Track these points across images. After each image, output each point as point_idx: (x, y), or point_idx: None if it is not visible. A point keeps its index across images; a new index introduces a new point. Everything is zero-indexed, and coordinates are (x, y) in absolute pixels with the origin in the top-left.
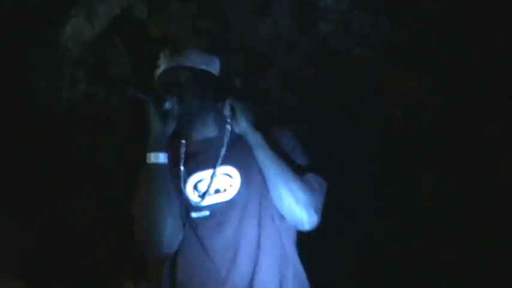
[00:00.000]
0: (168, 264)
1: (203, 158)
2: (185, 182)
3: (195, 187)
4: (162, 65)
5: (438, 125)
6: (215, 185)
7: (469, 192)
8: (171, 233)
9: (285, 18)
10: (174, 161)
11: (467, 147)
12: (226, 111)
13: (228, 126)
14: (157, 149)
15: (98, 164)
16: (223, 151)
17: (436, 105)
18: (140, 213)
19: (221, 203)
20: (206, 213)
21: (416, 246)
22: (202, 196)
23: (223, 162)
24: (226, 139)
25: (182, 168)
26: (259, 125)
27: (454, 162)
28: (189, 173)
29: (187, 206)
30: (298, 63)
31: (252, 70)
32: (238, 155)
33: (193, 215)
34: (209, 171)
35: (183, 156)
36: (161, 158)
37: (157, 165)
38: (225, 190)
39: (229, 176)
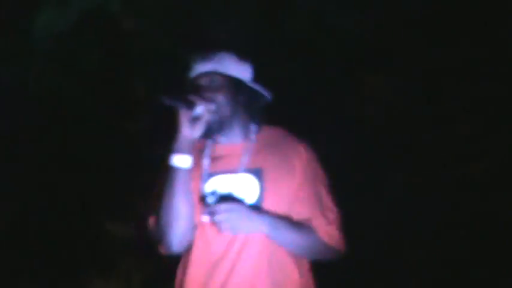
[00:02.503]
0: (181, 262)
1: (225, 162)
2: (204, 183)
3: (213, 191)
4: (196, 68)
5: (409, 124)
6: (233, 191)
7: (438, 191)
8: (182, 234)
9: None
10: (196, 160)
11: (436, 146)
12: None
13: (253, 135)
14: (183, 152)
15: (69, 157)
16: (245, 159)
17: (407, 104)
18: (159, 210)
19: None
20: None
21: (386, 244)
22: (219, 200)
23: (243, 170)
24: (250, 148)
25: (205, 169)
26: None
27: (424, 161)
28: (210, 174)
29: (200, 207)
30: (268, 61)
31: None
32: (263, 165)
33: (205, 218)
34: (229, 177)
35: (207, 157)
36: (186, 162)
37: (180, 169)
38: (233, 196)
39: (248, 185)
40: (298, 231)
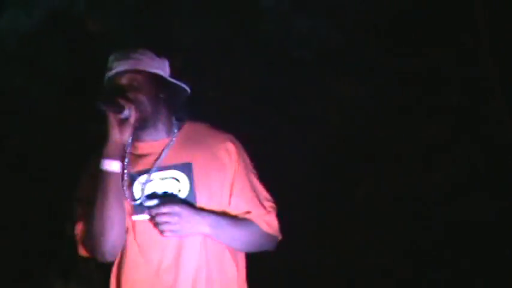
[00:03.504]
0: (115, 266)
1: (151, 159)
2: (131, 183)
3: (142, 189)
4: (114, 68)
5: (375, 129)
6: (163, 187)
7: (403, 196)
8: (116, 242)
9: (223, 19)
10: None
11: (402, 151)
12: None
13: (175, 130)
14: (113, 157)
15: (32, 160)
16: (165, 154)
17: (373, 109)
18: (90, 218)
19: None
20: (147, 216)
21: (351, 247)
22: (149, 198)
23: (171, 167)
24: (173, 143)
25: (126, 169)
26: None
27: (390, 166)
28: (137, 173)
29: (129, 208)
30: (236, 64)
31: (190, 71)
32: (191, 160)
33: (135, 217)
34: (156, 174)
35: (128, 156)
36: (116, 166)
37: (112, 174)
38: (172, 194)
39: (177, 180)
40: (239, 226)
